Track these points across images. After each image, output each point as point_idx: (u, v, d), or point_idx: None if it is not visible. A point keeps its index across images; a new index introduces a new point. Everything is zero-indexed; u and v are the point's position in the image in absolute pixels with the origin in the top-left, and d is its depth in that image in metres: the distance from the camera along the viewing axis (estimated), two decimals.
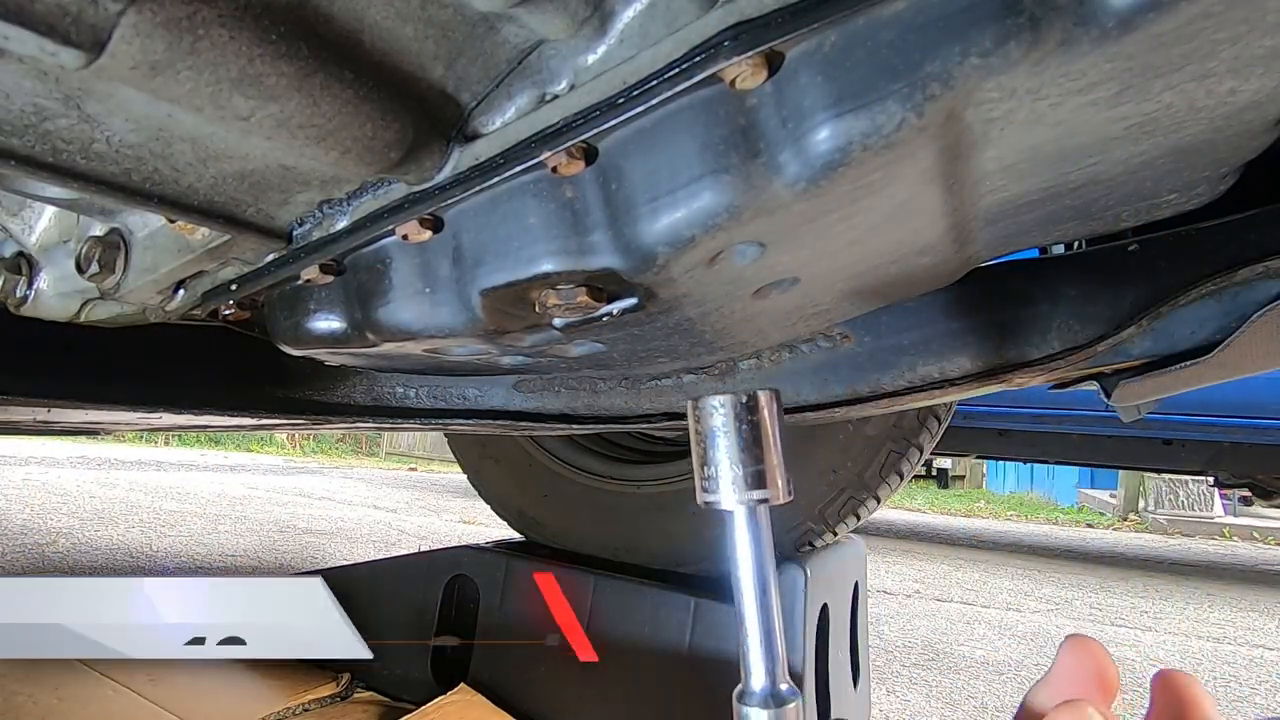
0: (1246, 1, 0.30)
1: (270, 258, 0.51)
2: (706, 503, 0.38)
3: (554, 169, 0.39)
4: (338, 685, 1.47)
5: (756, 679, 0.37)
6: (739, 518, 0.38)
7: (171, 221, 0.48)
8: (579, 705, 1.32)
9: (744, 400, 0.38)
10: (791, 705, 0.36)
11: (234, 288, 0.53)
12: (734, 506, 0.37)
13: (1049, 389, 0.80)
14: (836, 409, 0.81)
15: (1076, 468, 6.86)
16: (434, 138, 0.41)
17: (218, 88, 0.33)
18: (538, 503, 1.62)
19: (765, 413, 0.38)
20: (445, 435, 1.88)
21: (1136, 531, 7.10)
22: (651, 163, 0.38)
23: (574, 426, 0.92)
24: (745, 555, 0.37)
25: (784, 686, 0.37)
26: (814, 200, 0.37)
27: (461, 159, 0.42)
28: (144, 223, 0.50)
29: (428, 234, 0.45)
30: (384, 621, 1.53)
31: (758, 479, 0.37)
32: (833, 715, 1.27)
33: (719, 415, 0.38)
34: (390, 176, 0.44)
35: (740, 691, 0.37)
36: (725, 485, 0.37)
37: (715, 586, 1.40)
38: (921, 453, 1.34)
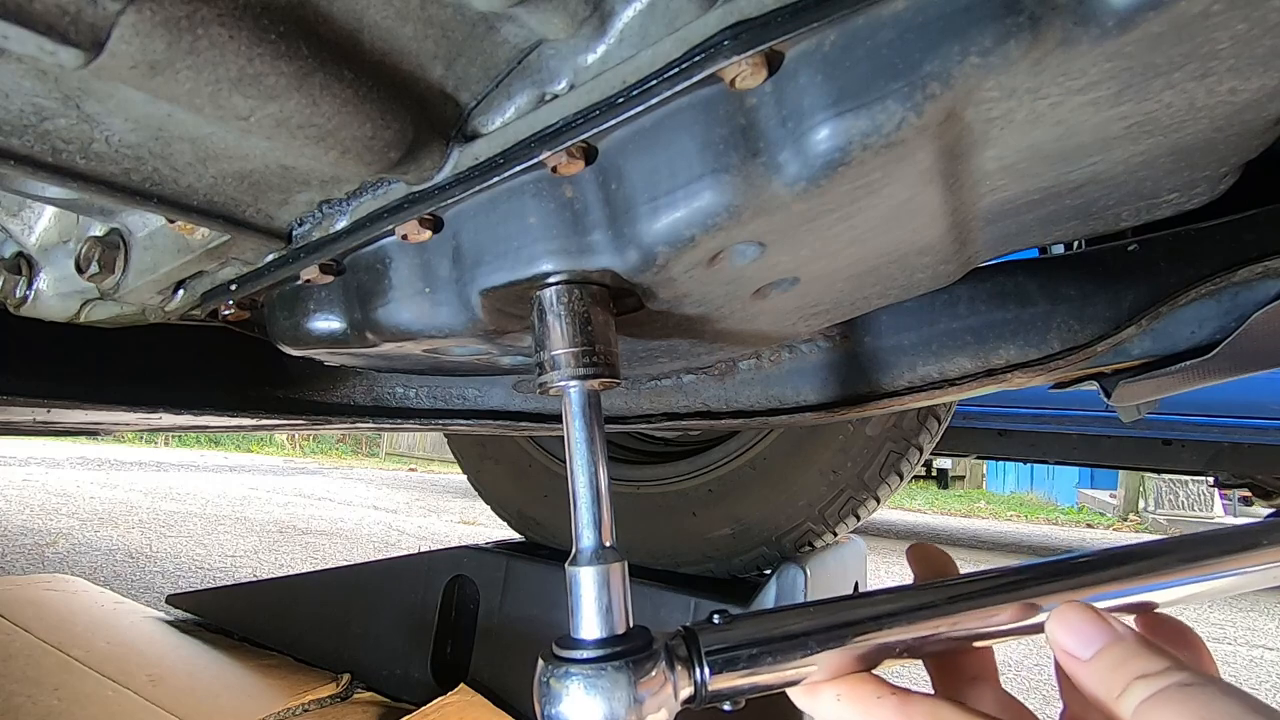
0: (1247, 1, 0.30)
1: (270, 258, 0.51)
2: (542, 383, 0.42)
3: (554, 169, 0.39)
4: (338, 685, 1.46)
5: (586, 539, 0.39)
6: (572, 394, 0.42)
7: (171, 222, 0.48)
8: None
9: (575, 292, 0.43)
10: (617, 565, 0.38)
11: (234, 288, 0.53)
12: (568, 385, 0.42)
13: (1049, 389, 0.80)
14: (836, 409, 0.81)
15: (1076, 468, 6.87)
16: (433, 138, 0.41)
17: (217, 87, 0.33)
18: (538, 503, 1.62)
19: (594, 304, 0.43)
20: (445, 436, 1.88)
21: (1136, 531, 7.10)
22: (651, 162, 0.38)
23: None
24: (578, 430, 0.41)
25: (609, 545, 0.39)
26: (814, 200, 0.37)
27: (461, 159, 0.42)
28: (144, 223, 0.50)
29: (427, 234, 0.45)
30: (384, 622, 1.53)
31: (588, 360, 0.42)
32: None
33: (554, 304, 0.42)
34: (390, 176, 0.44)
35: (572, 556, 0.39)
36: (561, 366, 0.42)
37: (716, 587, 1.40)
38: (921, 453, 1.34)
